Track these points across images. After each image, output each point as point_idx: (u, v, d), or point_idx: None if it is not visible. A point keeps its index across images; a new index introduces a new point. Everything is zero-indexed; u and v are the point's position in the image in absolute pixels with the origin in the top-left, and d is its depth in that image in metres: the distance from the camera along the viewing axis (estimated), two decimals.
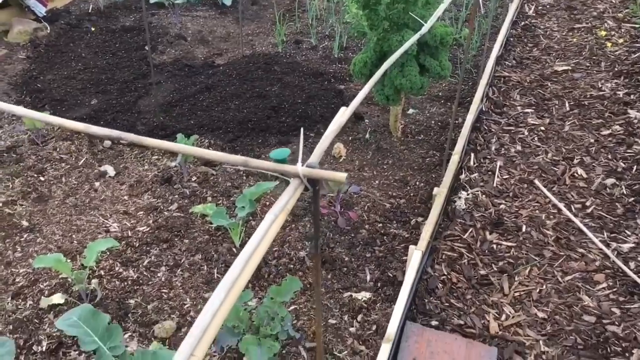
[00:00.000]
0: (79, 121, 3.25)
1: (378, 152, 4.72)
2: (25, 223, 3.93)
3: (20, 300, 3.31)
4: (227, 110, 5.24)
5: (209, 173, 4.44)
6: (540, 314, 3.20)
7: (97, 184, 4.37)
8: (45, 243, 3.75)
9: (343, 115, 1.98)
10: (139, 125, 5.04)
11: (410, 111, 5.31)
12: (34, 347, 3.03)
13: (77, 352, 3.00)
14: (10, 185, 4.27)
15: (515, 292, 3.34)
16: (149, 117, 5.16)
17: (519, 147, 4.63)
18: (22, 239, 3.79)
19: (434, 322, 3.15)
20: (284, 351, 3.01)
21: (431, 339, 2.92)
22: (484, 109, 5.13)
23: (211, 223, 3.91)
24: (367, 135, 4.92)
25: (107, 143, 4.83)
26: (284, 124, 5.03)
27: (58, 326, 2.59)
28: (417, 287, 3.29)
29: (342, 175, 1.58)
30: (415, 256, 3.19)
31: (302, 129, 1.82)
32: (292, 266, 3.59)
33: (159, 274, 3.53)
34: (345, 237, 3.82)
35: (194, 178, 4.42)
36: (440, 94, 5.59)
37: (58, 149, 4.71)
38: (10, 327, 3.13)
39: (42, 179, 4.39)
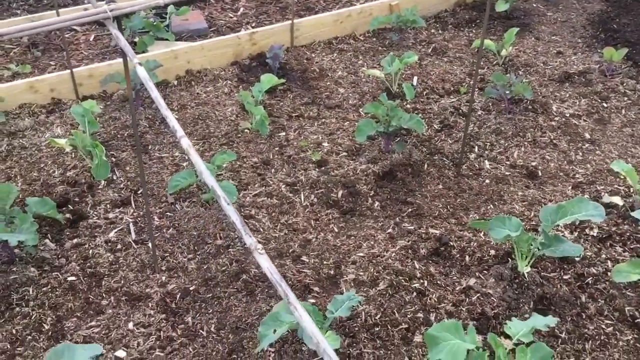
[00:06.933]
0: None
1: None
2: (587, 135, 4.48)
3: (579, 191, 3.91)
4: None
5: None
6: None
7: None
8: (603, 157, 4.24)
9: None
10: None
11: None
12: None
13: None
14: (577, 103, 4.87)
15: None
16: None
17: None
18: (584, 147, 4.35)
19: None
20: None
21: None
22: None
23: None
24: None
25: None
26: None
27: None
28: None
29: None
30: None
31: None
32: None
33: None
34: None
35: None
36: None
37: (607, 84, 5.06)
38: None
39: (604, 105, 4.85)
